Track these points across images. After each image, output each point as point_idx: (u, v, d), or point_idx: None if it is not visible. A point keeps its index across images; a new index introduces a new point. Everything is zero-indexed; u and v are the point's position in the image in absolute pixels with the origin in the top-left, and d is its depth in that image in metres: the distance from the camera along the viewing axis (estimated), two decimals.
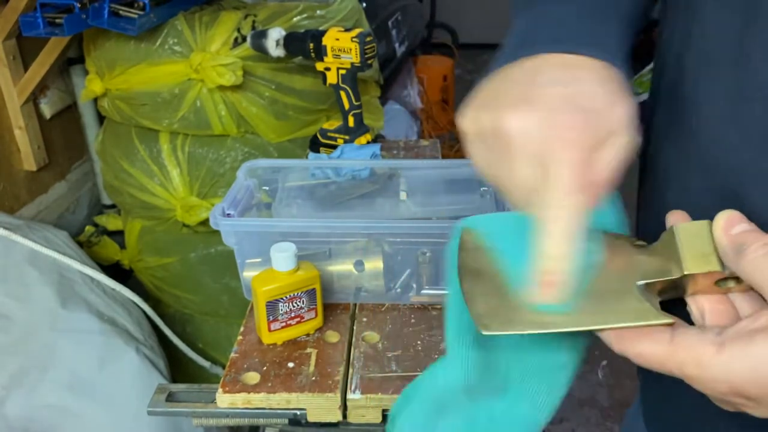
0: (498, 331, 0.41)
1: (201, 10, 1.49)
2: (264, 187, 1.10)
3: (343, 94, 1.27)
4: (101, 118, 1.75)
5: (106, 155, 1.61)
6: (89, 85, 1.53)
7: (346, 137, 1.29)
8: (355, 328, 0.95)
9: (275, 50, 1.31)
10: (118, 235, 1.81)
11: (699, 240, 0.40)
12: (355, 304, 1.00)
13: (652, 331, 0.38)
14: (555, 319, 0.40)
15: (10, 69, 1.55)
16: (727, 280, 0.40)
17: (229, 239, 0.95)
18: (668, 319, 0.39)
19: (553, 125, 0.40)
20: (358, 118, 1.30)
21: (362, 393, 0.83)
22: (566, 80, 0.42)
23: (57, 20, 1.33)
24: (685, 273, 0.39)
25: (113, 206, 1.89)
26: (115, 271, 1.72)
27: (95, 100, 1.65)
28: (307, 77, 1.46)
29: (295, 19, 1.46)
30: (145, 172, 1.52)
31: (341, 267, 0.98)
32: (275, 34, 1.30)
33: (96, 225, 1.87)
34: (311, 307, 0.91)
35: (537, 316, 0.41)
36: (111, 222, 1.85)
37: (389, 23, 2.73)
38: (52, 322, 1.27)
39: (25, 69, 1.58)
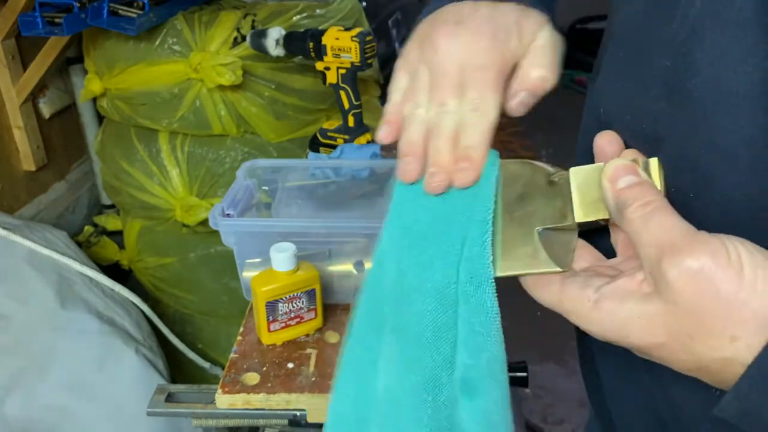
0: None
1: (200, 10, 1.49)
2: (264, 187, 1.10)
3: (343, 93, 1.27)
4: (100, 118, 1.75)
5: (106, 155, 1.60)
6: (88, 85, 1.53)
7: (346, 137, 1.29)
8: None
9: (275, 50, 1.30)
10: (117, 235, 1.81)
11: (590, 186, 0.42)
12: None
13: (546, 280, 0.42)
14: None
15: (9, 69, 1.55)
16: None
17: (228, 239, 0.95)
18: (557, 268, 0.42)
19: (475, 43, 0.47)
20: (358, 118, 1.29)
21: None
22: (488, 10, 0.49)
23: (56, 20, 1.32)
24: (576, 221, 0.43)
25: (112, 206, 1.89)
26: (114, 271, 1.71)
27: (94, 99, 1.65)
28: (306, 77, 1.46)
29: (294, 18, 1.45)
30: (144, 172, 1.51)
31: (341, 267, 0.97)
32: (275, 34, 1.30)
33: (95, 225, 1.86)
34: (311, 307, 0.91)
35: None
36: (110, 222, 1.85)
37: (389, 23, 2.73)
38: (51, 322, 1.27)
39: (24, 69, 1.58)
